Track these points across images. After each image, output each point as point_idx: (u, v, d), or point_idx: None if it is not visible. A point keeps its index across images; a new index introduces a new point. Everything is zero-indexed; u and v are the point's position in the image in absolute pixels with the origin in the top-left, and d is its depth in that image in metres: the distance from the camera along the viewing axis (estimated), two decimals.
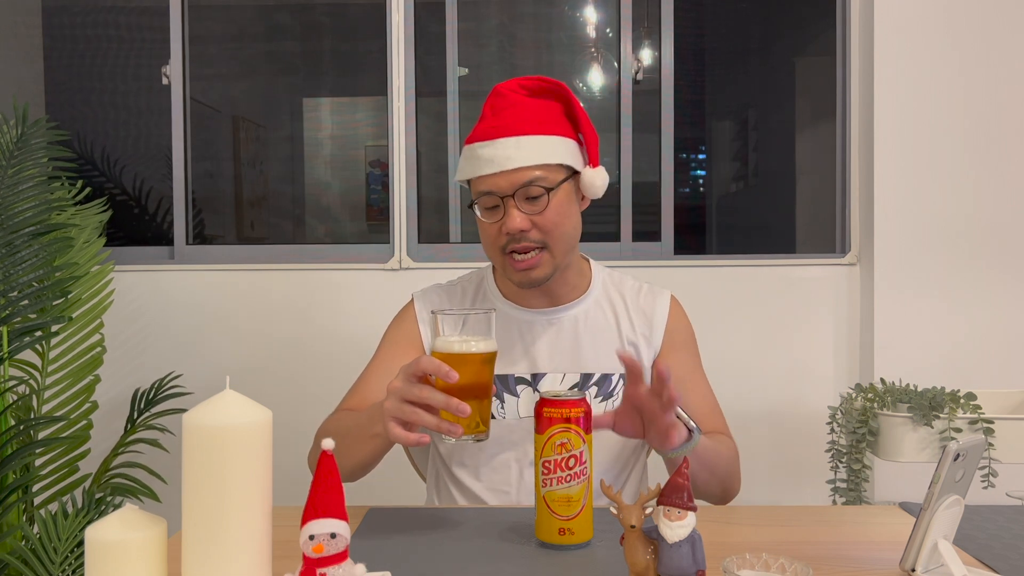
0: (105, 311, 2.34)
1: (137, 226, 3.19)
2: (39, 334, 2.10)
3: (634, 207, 2.65)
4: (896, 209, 2.45)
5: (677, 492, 0.79)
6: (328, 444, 0.71)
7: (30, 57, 3.18)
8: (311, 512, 0.70)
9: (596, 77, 3.40)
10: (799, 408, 2.53)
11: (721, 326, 2.53)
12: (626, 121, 2.65)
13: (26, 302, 2.05)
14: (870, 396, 2.01)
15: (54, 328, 2.17)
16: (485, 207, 1.27)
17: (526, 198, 1.23)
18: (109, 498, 1.96)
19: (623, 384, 1.34)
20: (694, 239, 3.43)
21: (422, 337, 1.38)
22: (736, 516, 1.13)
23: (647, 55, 2.84)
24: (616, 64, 2.67)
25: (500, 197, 1.24)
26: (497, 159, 1.23)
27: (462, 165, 1.29)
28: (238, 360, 2.57)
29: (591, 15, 3.38)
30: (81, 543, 1.73)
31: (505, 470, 1.32)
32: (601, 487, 0.88)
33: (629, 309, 1.38)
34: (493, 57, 3.48)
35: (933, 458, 1.88)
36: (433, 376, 0.98)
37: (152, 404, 2.28)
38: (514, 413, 1.32)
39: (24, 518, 2.08)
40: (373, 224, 3.56)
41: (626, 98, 2.65)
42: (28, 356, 2.29)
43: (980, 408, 1.88)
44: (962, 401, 1.89)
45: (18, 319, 2.04)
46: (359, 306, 2.56)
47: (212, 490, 0.72)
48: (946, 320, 2.44)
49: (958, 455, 0.84)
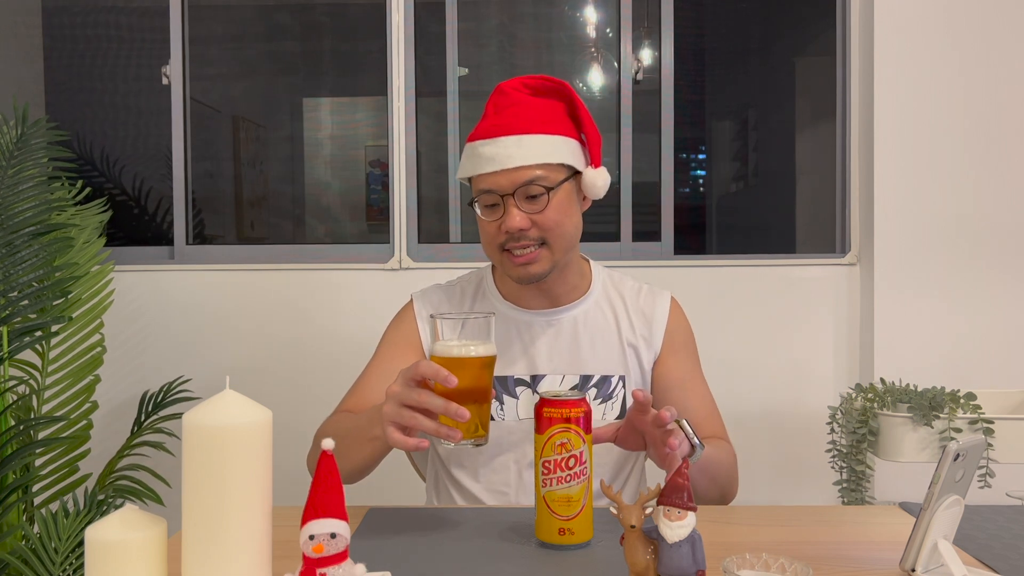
0: (105, 311, 2.35)
1: (137, 226, 3.19)
2: (39, 334, 2.11)
3: (634, 207, 2.64)
4: (896, 209, 2.45)
5: (677, 492, 0.79)
6: (328, 444, 0.71)
7: (30, 57, 3.18)
8: (311, 512, 0.70)
9: (596, 77, 3.40)
10: (799, 408, 2.53)
11: (721, 326, 2.53)
12: (626, 121, 2.64)
13: (26, 302, 2.05)
14: (870, 396, 2.01)
15: (54, 328, 2.17)
16: (485, 205, 1.27)
17: (526, 197, 1.23)
18: (110, 499, 1.96)
19: (623, 386, 1.34)
20: (694, 239, 3.43)
21: (421, 338, 1.37)
22: (736, 516, 1.13)
23: (647, 55, 2.84)
24: (616, 64, 2.67)
25: (500, 195, 1.24)
26: (498, 157, 1.22)
27: (463, 163, 1.29)
28: (238, 360, 2.57)
29: (591, 15, 3.38)
30: (81, 543, 1.73)
31: (504, 471, 1.32)
32: (601, 487, 0.88)
33: (629, 310, 1.38)
34: (493, 57, 3.48)
35: (933, 458, 1.88)
36: (432, 380, 0.98)
37: (159, 407, 2.28)
38: (513, 415, 1.32)
39: (24, 518, 2.08)
40: (373, 224, 3.56)
41: (626, 98, 2.65)
42: (28, 356, 2.29)
43: (980, 408, 1.88)
44: (962, 401, 1.89)
45: (18, 319, 2.05)
46: (359, 306, 2.56)
47: (212, 490, 0.72)
48: (946, 320, 2.43)
49: (958, 455, 0.84)
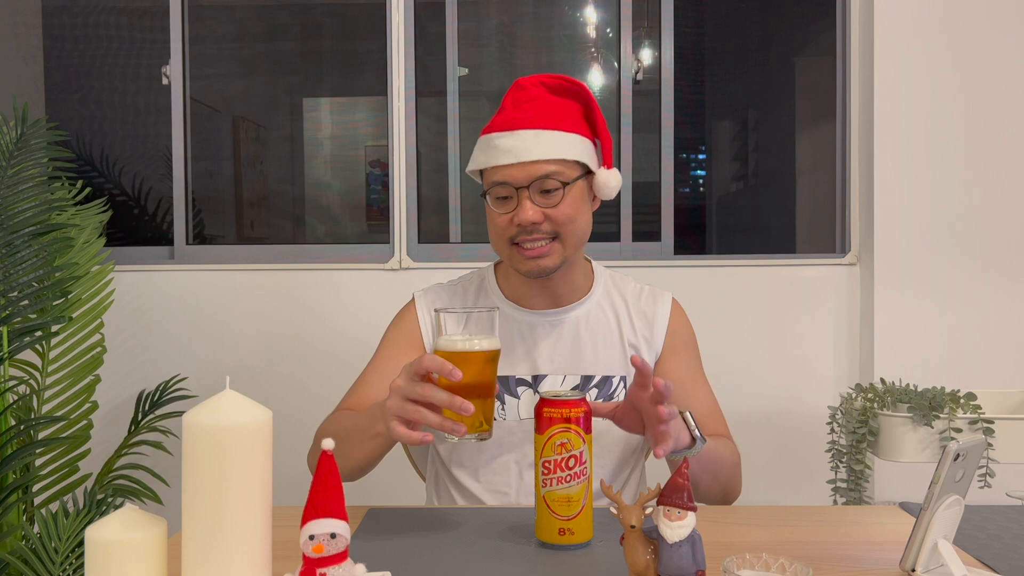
0: (105, 311, 2.35)
1: (137, 226, 3.19)
2: (39, 334, 2.11)
3: (634, 207, 2.64)
4: (896, 209, 2.45)
5: (677, 492, 0.79)
6: (328, 444, 0.71)
7: (30, 57, 3.18)
8: (311, 512, 0.70)
9: (596, 77, 3.40)
10: (799, 408, 2.53)
11: (721, 326, 2.53)
12: (626, 121, 2.65)
13: (26, 302, 2.05)
14: (870, 396, 2.01)
15: (54, 328, 2.17)
16: (497, 197, 1.26)
17: (541, 191, 1.24)
18: (110, 499, 1.96)
19: (624, 387, 1.34)
20: (694, 239, 3.43)
21: (423, 335, 1.37)
22: (736, 516, 1.13)
23: (647, 55, 2.84)
24: (616, 64, 2.67)
25: (515, 188, 1.24)
26: (515, 150, 1.23)
27: (476, 155, 1.29)
28: (238, 360, 2.57)
29: (591, 15, 3.38)
30: (81, 543, 1.73)
31: (505, 472, 1.32)
32: (601, 487, 0.88)
33: (630, 311, 1.38)
34: (493, 57, 3.48)
35: (933, 458, 1.88)
36: (436, 374, 0.98)
37: (157, 406, 2.28)
38: (515, 415, 1.32)
39: (24, 518, 2.08)
40: (373, 224, 3.55)
41: (626, 98, 2.65)
42: (28, 356, 2.30)
43: (980, 408, 1.88)
44: (962, 401, 1.89)
45: (18, 319, 2.05)
46: (359, 306, 2.56)
47: (212, 490, 0.72)
48: (946, 320, 2.43)
49: (958, 455, 0.84)
